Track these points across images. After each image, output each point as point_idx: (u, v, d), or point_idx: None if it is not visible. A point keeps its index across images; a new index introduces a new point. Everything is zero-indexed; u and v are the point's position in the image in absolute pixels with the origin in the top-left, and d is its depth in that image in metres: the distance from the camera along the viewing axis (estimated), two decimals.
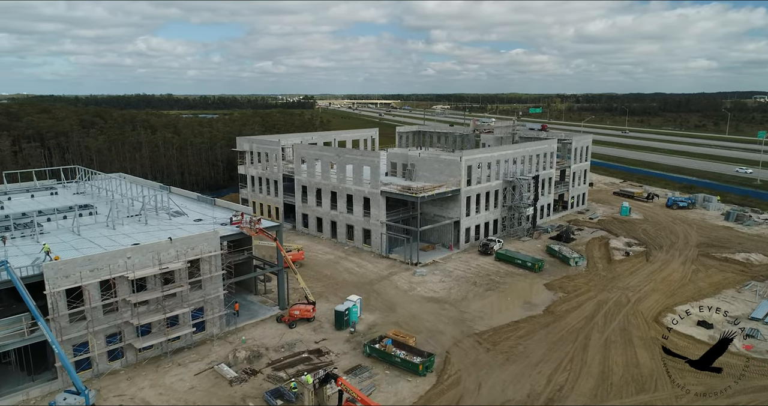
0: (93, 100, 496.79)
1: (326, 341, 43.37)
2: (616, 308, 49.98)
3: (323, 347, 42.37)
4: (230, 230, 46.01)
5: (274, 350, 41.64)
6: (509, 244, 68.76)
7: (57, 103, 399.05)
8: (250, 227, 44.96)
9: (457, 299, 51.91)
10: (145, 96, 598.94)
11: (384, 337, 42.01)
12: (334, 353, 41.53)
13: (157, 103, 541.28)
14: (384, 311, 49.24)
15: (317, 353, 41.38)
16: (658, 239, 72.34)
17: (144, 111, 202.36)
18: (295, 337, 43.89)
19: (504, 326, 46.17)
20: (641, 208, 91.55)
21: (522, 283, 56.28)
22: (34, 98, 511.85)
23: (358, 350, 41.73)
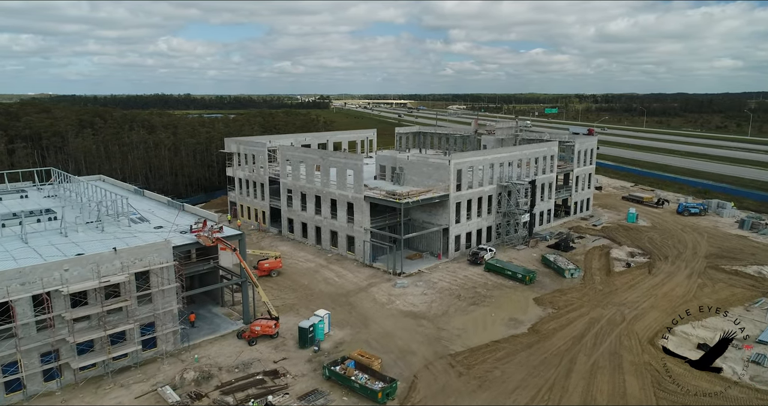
0: (111, 100, 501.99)
1: (286, 361, 40.05)
2: (608, 327, 45.79)
3: (281, 367, 39.05)
4: (188, 238, 42.97)
5: (227, 371, 38.46)
6: (503, 253, 64.76)
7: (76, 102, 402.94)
8: (207, 236, 41.85)
9: (437, 315, 48.19)
10: (162, 96, 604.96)
11: (347, 358, 38.55)
12: (291, 374, 38.18)
13: (174, 103, 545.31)
14: (355, 327, 45.77)
15: (273, 374, 38.07)
16: (664, 248, 67.61)
17: (148, 110, 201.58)
18: (253, 355, 40.66)
19: (482, 346, 42.35)
20: (650, 214, 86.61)
21: (510, 297, 52.33)
22: (57, 98, 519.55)
23: (318, 372, 38.33)
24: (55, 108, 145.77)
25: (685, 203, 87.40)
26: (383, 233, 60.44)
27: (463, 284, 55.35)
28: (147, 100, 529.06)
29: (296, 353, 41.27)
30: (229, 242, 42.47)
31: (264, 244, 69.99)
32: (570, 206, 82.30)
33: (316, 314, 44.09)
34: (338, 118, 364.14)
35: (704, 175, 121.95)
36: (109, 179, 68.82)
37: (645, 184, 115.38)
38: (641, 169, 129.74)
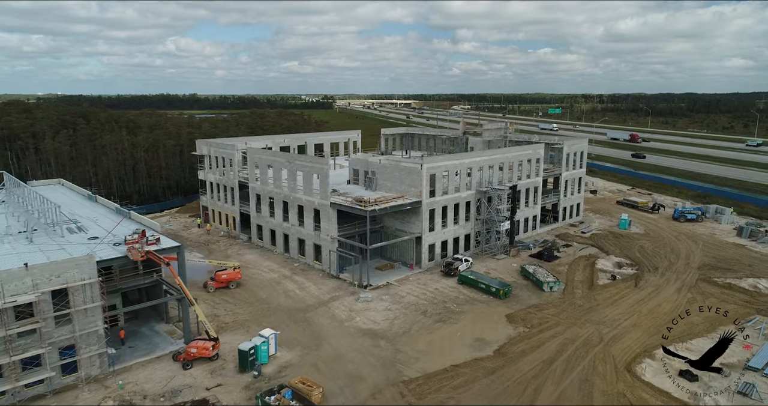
0: (116, 100, 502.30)
1: (220, 388, 36.32)
2: (583, 349, 41.71)
3: (213, 396, 35.32)
4: (121, 251, 39.35)
5: (151, 400, 34.78)
6: (481, 263, 60.74)
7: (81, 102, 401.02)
8: (138, 248, 38.19)
9: (398, 334, 44.29)
10: (167, 96, 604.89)
11: (284, 386, 34.78)
12: (222, 404, 34.45)
13: (178, 103, 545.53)
14: (306, 348, 41.97)
15: (202, 404, 34.37)
16: (655, 258, 63.32)
17: (139, 111, 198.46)
18: (185, 381, 36.97)
19: (441, 371, 38.42)
20: (644, 220, 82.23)
21: (481, 313, 48.34)
22: (65, 98, 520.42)
23: (254, 402, 34.57)
24: (37, 108, 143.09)
25: (681, 209, 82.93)
26: (350, 242, 56.59)
27: (433, 298, 51.40)
28: (151, 100, 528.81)
29: (234, 378, 37.54)
30: (163, 256, 38.80)
31: (231, 251, 66.39)
32: (559, 212, 78.02)
33: (260, 334, 40.35)
34: (338, 119, 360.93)
35: (705, 178, 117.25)
36: (68, 184, 65.55)
37: (643, 187, 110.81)
38: (640, 172, 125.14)
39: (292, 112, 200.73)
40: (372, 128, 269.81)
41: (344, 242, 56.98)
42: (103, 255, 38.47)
